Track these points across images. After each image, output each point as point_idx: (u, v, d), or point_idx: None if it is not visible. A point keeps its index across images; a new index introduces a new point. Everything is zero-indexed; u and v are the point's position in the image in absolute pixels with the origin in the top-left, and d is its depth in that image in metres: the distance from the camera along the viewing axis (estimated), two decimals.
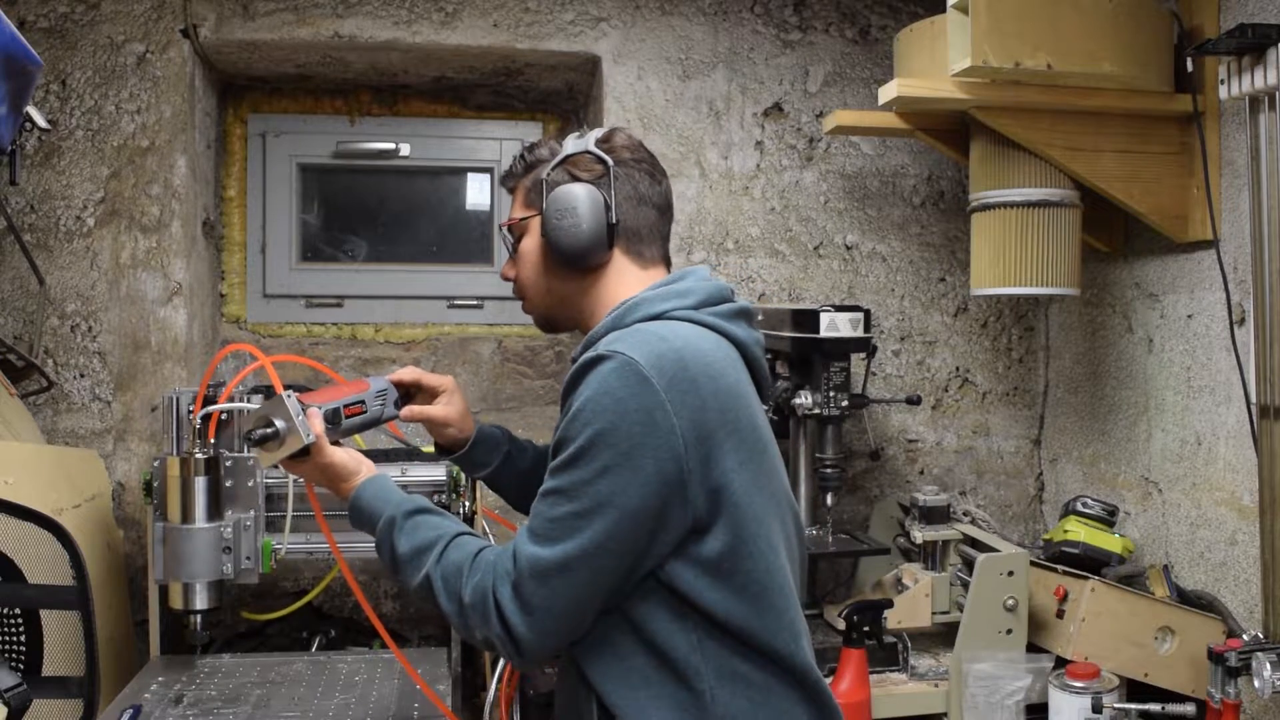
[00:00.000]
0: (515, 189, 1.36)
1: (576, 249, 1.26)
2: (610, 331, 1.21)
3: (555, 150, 1.32)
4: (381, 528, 1.22)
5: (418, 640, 2.45)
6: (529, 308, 1.38)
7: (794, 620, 1.20)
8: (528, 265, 1.33)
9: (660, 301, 1.22)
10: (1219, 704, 1.67)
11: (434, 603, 1.17)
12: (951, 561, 2.13)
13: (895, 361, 2.57)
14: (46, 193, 2.27)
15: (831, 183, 2.53)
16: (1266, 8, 1.84)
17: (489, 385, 2.69)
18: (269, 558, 1.89)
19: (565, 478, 1.11)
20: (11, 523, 1.65)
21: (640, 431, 1.08)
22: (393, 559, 1.21)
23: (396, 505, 1.23)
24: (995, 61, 1.79)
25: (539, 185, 1.30)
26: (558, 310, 1.35)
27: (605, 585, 1.12)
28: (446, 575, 1.15)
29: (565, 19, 2.42)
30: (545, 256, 1.30)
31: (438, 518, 1.23)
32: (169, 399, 1.85)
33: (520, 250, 1.34)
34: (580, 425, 1.10)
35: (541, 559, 1.10)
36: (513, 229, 1.35)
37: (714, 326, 1.22)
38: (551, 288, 1.32)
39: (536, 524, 1.13)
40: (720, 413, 1.13)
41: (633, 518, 1.09)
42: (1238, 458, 1.94)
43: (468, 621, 1.14)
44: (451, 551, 1.17)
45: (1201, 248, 2.03)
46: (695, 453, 1.11)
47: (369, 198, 2.77)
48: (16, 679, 1.40)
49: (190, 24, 2.30)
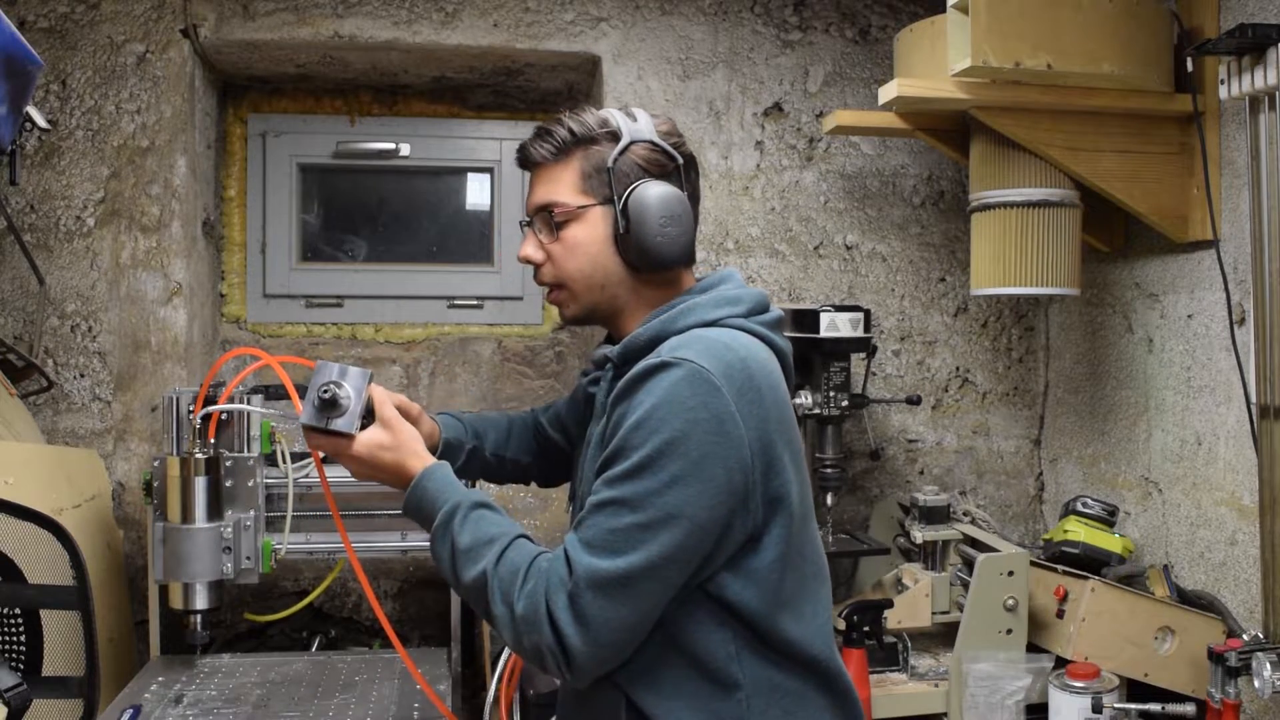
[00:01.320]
0: (558, 164, 1.23)
1: (671, 258, 1.20)
2: (659, 335, 1.17)
3: (608, 126, 1.22)
4: (444, 515, 1.15)
5: (418, 640, 2.45)
6: (565, 298, 1.26)
7: (826, 623, 1.20)
8: (580, 256, 1.22)
9: (714, 308, 1.19)
10: (1219, 704, 1.67)
11: (483, 602, 1.11)
12: (951, 561, 2.13)
13: (895, 361, 2.57)
14: (46, 193, 2.27)
15: (831, 183, 2.53)
16: (1266, 8, 1.84)
17: (489, 385, 2.69)
18: (269, 558, 1.89)
19: (629, 487, 1.07)
20: (11, 523, 1.65)
21: (711, 441, 1.06)
22: (451, 550, 1.14)
23: (463, 494, 1.17)
24: (995, 61, 1.79)
25: (603, 172, 1.21)
26: (603, 306, 1.25)
27: (665, 599, 1.09)
28: (502, 576, 1.10)
29: (565, 19, 2.42)
30: (612, 253, 1.21)
31: (500, 515, 1.17)
32: (169, 399, 1.85)
33: (568, 238, 1.22)
34: (646, 433, 1.06)
35: (602, 571, 1.05)
36: (556, 212, 1.22)
37: (762, 336, 1.20)
38: (607, 284, 1.23)
39: (594, 534, 1.07)
40: (779, 423, 1.14)
41: (701, 530, 1.07)
42: (1238, 458, 1.94)
43: (517, 629, 1.08)
44: (511, 553, 1.11)
45: (1201, 248, 2.03)
46: (760, 463, 1.10)
47: (369, 198, 2.77)
48: (16, 679, 1.40)
49: (190, 24, 2.30)
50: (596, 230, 1.21)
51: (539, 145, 1.24)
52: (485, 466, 1.48)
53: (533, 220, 1.25)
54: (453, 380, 2.67)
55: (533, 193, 1.26)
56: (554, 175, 1.23)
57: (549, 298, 1.28)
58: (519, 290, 2.74)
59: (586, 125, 1.22)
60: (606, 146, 1.21)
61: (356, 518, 2.04)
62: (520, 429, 1.52)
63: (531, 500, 2.56)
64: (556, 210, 1.22)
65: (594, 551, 1.06)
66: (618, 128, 1.22)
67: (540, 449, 1.52)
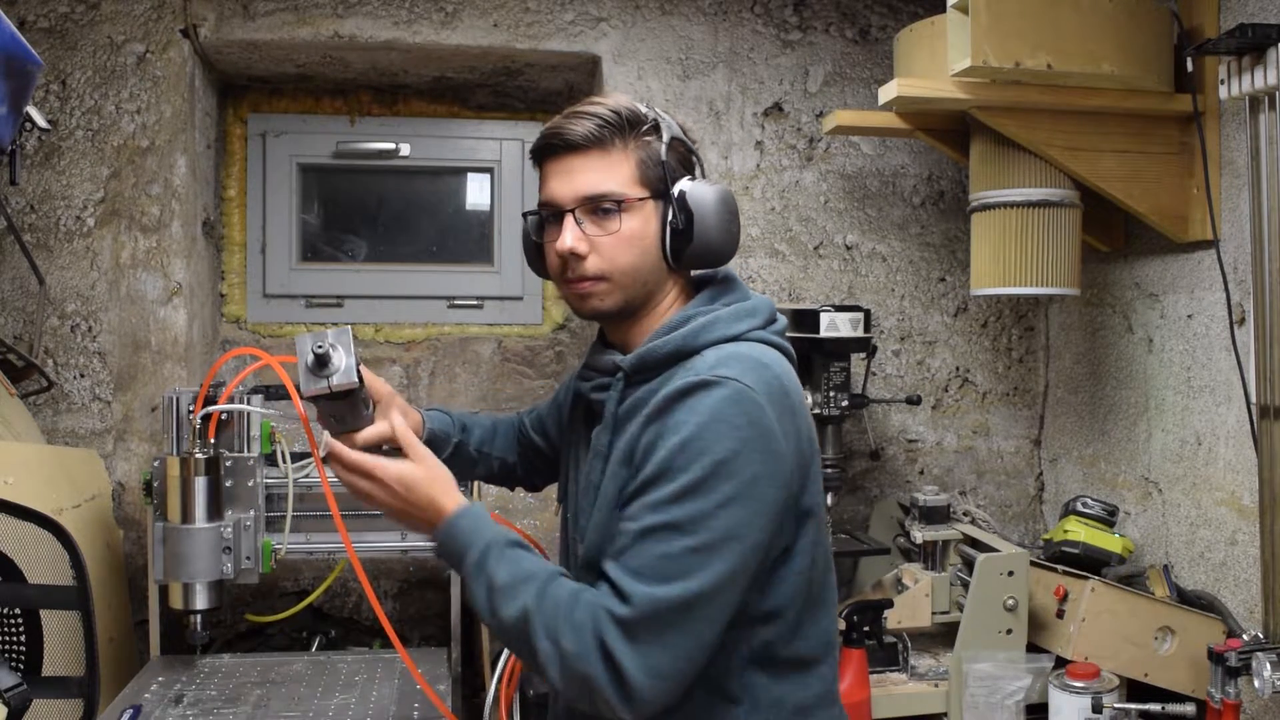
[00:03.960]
0: (607, 151, 1.17)
1: (727, 257, 1.20)
2: (680, 350, 1.15)
3: (652, 121, 1.19)
4: (480, 553, 1.11)
5: (418, 640, 2.45)
6: (605, 290, 1.19)
7: (830, 628, 1.21)
8: (635, 249, 1.17)
9: (735, 322, 1.17)
10: (1219, 704, 1.67)
11: (524, 639, 1.06)
12: (951, 561, 2.13)
13: (895, 361, 2.57)
14: (46, 193, 2.27)
15: (831, 183, 2.53)
16: (1266, 8, 1.84)
17: (489, 385, 2.69)
18: (269, 558, 1.89)
19: (679, 510, 1.03)
20: (11, 523, 1.65)
21: (760, 460, 1.05)
22: (488, 588, 1.09)
23: (497, 534, 1.13)
24: (995, 61, 1.79)
25: (658, 165, 1.18)
26: (636, 301, 1.21)
27: (724, 623, 1.06)
28: (546, 611, 1.05)
29: (565, 19, 2.42)
30: (657, 248, 1.18)
31: (534, 555, 1.13)
32: (169, 399, 1.85)
33: (623, 230, 1.17)
34: (694, 454, 1.04)
35: (659, 599, 1.01)
36: (624, 202, 1.17)
37: (779, 346, 1.20)
38: (649, 280, 1.20)
39: (644, 562, 1.04)
40: (809, 439, 1.14)
41: (755, 550, 1.06)
42: (1238, 458, 1.94)
43: (565, 664, 1.03)
44: (552, 588, 1.07)
45: (1201, 248, 2.03)
46: (798, 477, 1.10)
47: (369, 198, 2.77)
48: (16, 679, 1.40)
49: (190, 24, 2.30)
50: (650, 224, 1.18)
51: (587, 128, 1.16)
52: (470, 461, 1.48)
53: (574, 210, 1.17)
54: (453, 380, 2.67)
55: (571, 179, 1.17)
56: (605, 164, 1.17)
57: (580, 288, 1.19)
58: (519, 290, 2.74)
59: (637, 114, 1.18)
60: (655, 139, 1.19)
61: (356, 518, 2.03)
62: (505, 429, 1.53)
63: (532, 500, 2.56)
64: (617, 200, 1.16)
65: (646, 580, 1.02)
66: (659, 120, 1.20)
67: (523, 450, 1.52)
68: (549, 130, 1.19)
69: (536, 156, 1.22)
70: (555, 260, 1.21)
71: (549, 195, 1.20)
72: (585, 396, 1.27)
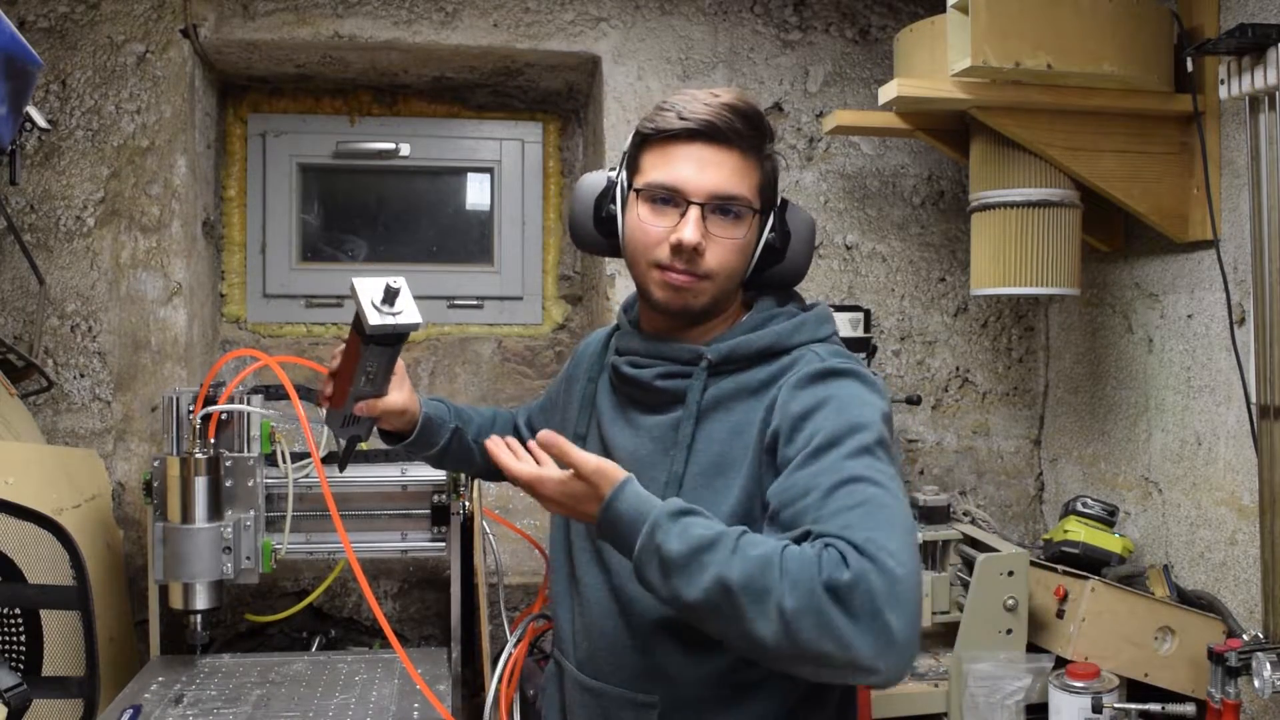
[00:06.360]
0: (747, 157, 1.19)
1: (798, 278, 1.29)
2: (774, 347, 1.20)
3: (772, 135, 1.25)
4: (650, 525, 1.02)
5: (418, 640, 2.45)
6: (704, 289, 1.20)
7: None
8: (742, 254, 1.21)
9: (819, 325, 1.24)
10: (1219, 704, 1.67)
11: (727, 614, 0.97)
12: (951, 561, 2.13)
13: (895, 361, 2.57)
14: (46, 193, 2.27)
15: (831, 183, 2.53)
16: (1266, 8, 1.84)
17: (489, 385, 2.69)
18: (269, 558, 1.89)
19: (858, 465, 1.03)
20: (11, 523, 1.65)
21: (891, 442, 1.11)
22: (660, 564, 1.01)
23: (662, 505, 1.05)
24: (995, 61, 1.79)
25: (773, 182, 1.25)
26: (720, 304, 1.24)
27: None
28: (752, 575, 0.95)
29: (565, 19, 2.42)
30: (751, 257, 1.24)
31: (706, 518, 1.04)
32: (169, 399, 1.85)
33: (739, 234, 1.20)
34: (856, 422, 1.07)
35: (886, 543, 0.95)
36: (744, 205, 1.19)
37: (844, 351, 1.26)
38: (735, 287, 1.25)
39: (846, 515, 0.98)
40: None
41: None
42: (1238, 458, 1.94)
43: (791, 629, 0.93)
44: (747, 547, 0.98)
45: (1201, 248, 2.03)
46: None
47: (369, 198, 2.77)
48: (16, 679, 1.40)
49: (190, 24, 2.30)
50: (753, 234, 1.23)
51: (739, 127, 1.17)
52: (467, 451, 1.49)
53: (704, 204, 1.17)
54: (453, 380, 2.67)
55: (706, 172, 1.17)
56: (743, 166, 1.19)
57: (682, 280, 1.18)
58: (519, 290, 2.74)
59: (770, 125, 1.23)
60: (774, 154, 1.25)
61: (356, 518, 2.04)
62: (503, 423, 1.55)
63: (532, 500, 2.55)
64: (748, 207, 1.19)
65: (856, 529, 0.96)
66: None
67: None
68: (689, 113, 1.17)
69: (658, 134, 1.19)
70: (654, 242, 1.19)
71: (676, 180, 1.17)
72: (632, 382, 1.27)
